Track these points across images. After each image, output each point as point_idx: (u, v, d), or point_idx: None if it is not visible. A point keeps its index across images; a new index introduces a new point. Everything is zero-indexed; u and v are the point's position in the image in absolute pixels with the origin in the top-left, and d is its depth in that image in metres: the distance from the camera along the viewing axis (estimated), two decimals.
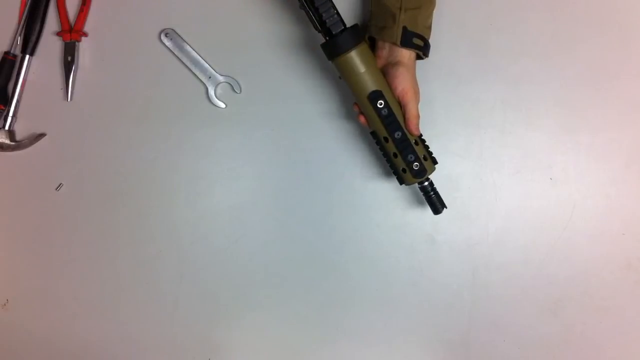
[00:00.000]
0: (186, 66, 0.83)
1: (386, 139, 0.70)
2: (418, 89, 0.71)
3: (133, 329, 0.85)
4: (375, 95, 0.67)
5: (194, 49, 0.83)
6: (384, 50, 0.70)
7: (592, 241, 0.80)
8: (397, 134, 0.69)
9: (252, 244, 0.84)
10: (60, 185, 0.86)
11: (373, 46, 0.72)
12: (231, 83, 0.83)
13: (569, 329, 0.81)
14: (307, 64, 0.82)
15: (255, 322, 0.85)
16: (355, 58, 0.66)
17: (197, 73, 0.83)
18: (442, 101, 0.81)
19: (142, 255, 0.85)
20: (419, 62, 0.73)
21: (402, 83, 0.68)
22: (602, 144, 0.80)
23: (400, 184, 0.74)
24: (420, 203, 0.81)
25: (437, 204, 0.72)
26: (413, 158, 0.70)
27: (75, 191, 0.86)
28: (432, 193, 0.72)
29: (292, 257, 0.84)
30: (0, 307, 0.87)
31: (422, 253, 0.82)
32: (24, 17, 0.84)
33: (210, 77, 0.83)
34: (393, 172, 0.73)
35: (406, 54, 0.69)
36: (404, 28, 0.67)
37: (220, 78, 0.83)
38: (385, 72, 0.70)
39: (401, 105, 0.69)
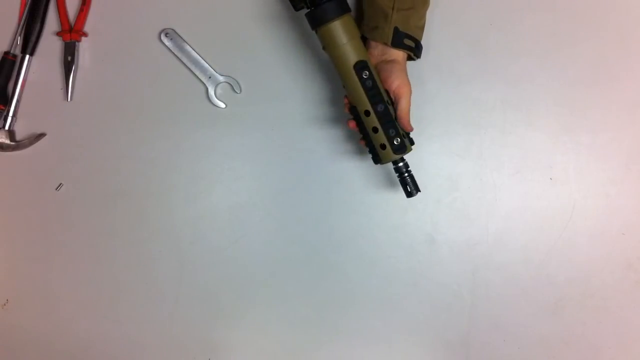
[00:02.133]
0: (186, 66, 0.83)
1: (367, 113, 0.68)
2: (410, 86, 0.70)
3: (133, 329, 0.85)
4: (362, 66, 0.67)
5: (194, 49, 0.83)
6: (377, 49, 0.70)
7: (592, 241, 0.80)
8: (380, 107, 0.68)
9: (252, 244, 0.84)
10: (60, 185, 0.86)
11: (364, 43, 0.71)
12: (231, 83, 0.83)
13: (569, 329, 0.81)
14: (308, 64, 0.82)
15: (255, 322, 0.85)
16: (341, 27, 0.65)
17: (197, 73, 0.83)
18: (442, 101, 0.81)
19: (142, 255, 0.85)
20: (418, 62, 0.73)
21: (398, 78, 0.68)
22: (602, 144, 0.80)
23: (376, 162, 0.72)
24: (420, 203, 0.81)
25: (410, 186, 0.70)
26: (394, 132, 0.68)
27: (75, 191, 0.86)
28: (406, 174, 0.70)
29: (292, 257, 0.84)
30: (0, 307, 0.87)
31: (421, 253, 0.82)
32: (24, 17, 0.84)
33: (210, 77, 0.83)
34: (369, 150, 0.71)
35: (399, 54, 0.69)
36: (395, 28, 0.67)
37: (220, 78, 0.83)
38: (380, 69, 0.69)
39: (394, 100, 0.69)
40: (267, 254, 0.84)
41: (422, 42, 0.72)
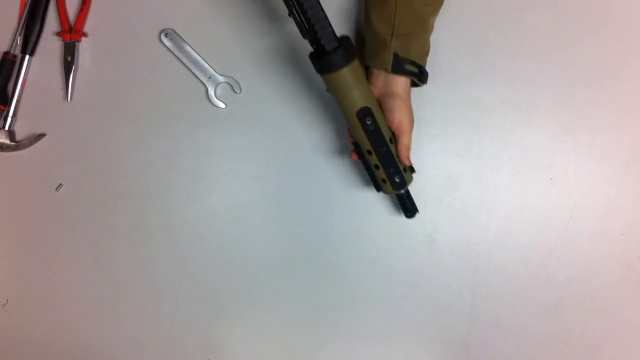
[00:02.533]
0: (186, 66, 0.83)
1: (369, 152, 0.69)
2: (413, 118, 0.70)
3: (133, 329, 0.86)
4: (364, 113, 0.65)
5: (194, 49, 0.83)
6: (380, 79, 0.69)
7: (592, 241, 0.80)
8: (382, 149, 0.68)
9: (252, 244, 0.84)
10: (60, 185, 0.86)
11: (367, 71, 0.70)
12: (231, 83, 0.83)
13: (569, 329, 0.81)
14: (307, 64, 0.82)
15: (255, 322, 0.85)
16: (347, 75, 0.62)
17: (197, 73, 0.83)
18: (442, 101, 0.81)
19: (142, 255, 0.85)
20: None
21: (398, 116, 0.68)
22: (602, 144, 0.80)
23: (378, 191, 0.75)
24: (420, 203, 0.81)
25: (410, 210, 0.75)
26: (395, 171, 0.70)
27: (75, 191, 0.86)
28: (406, 200, 0.74)
29: (292, 257, 0.84)
30: (0, 307, 0.87)
31: (422, 253, 0.82)
32: (24, 17, 0.84)
33: (210, 77, 0.83)
34: (371, 180, 0.73)
35: (401, 82, 0.69)
36: (395, 55, 0.66)
37: (220, 78, 0.83)
38: (382, 103, 0.69)
39: (395, 136, 0.69)
40: (267, 254, 0.84)
41: None
